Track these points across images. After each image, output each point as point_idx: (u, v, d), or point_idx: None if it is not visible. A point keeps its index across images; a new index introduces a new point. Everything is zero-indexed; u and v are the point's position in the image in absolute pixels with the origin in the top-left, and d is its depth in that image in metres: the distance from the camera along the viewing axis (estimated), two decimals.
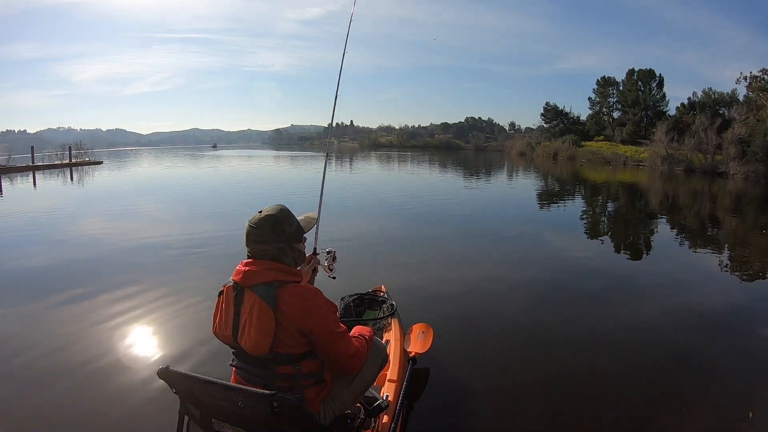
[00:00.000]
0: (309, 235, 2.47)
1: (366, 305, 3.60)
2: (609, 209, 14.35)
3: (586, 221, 11.39)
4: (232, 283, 1.79)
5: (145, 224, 9.53)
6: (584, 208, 14.10)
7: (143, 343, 3.82)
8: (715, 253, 8.09)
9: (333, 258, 2.59)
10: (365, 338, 2.00)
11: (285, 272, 1.78)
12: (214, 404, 1.62)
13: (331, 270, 2.54)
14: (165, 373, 1.63)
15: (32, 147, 28.99)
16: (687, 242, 9.22)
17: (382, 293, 3.76)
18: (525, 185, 21.92)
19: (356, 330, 2.08)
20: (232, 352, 1.83)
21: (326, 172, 3.16)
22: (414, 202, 13.69)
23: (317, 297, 1.79)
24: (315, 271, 2.41)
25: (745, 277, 6.52)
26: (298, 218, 1.94)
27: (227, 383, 1.60)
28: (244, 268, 1.77)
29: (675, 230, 10.66)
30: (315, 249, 2.54)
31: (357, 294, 3.67)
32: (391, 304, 3.51)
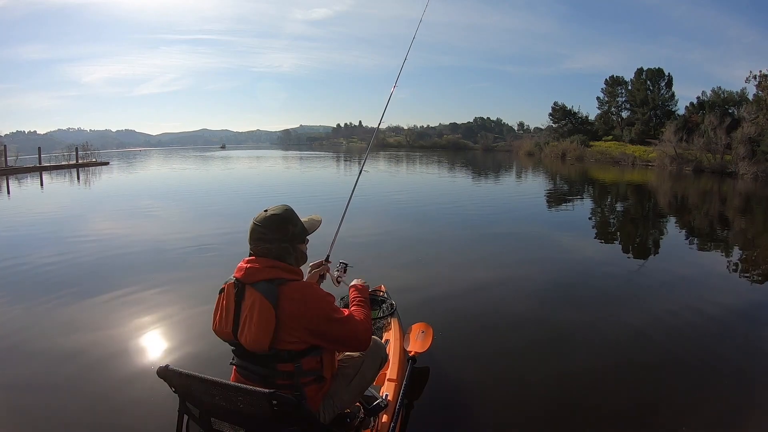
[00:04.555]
0: (324, 242, 2.53)
1: None
2: (617, 209, 14.23)
3: (592, 221, 11.30)
4: (233, 280, 1.80)
5: (144, 225, 9.61)
6: (591, 209, 13.99)
7: (143, 341, 3.84)
8: (724, 253, 8.01)
9: (344, 270, 2.57)
10: (364, 312, 1.98)
11: (287, 271, 1.80)
12: (213, 403, 1.63)
13: (338, 283, 2.52)
14: (164, 371, 1.63)
15: (39, 148, 29.28)
16: (696, 242, 9.12)
17: (381, 293, 3.75)
18: (531, 185, 21.77)
19: (351, 291, 2.12)
20: (232, 350, 1.84)
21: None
22: (414, 201, 13.72)
23: (315, 291, 1.82)
24: (323, 277, 2.41)
25: (754, 277, 6.45)
26: (303, 219, 1.96)
27: (226, 382, 1.60)
28: (246, 265, 1.79)
29: (684, 230, 10.55)
30: (328, 256, 2.52)
31: None
32: (391, 304, 3.52)
